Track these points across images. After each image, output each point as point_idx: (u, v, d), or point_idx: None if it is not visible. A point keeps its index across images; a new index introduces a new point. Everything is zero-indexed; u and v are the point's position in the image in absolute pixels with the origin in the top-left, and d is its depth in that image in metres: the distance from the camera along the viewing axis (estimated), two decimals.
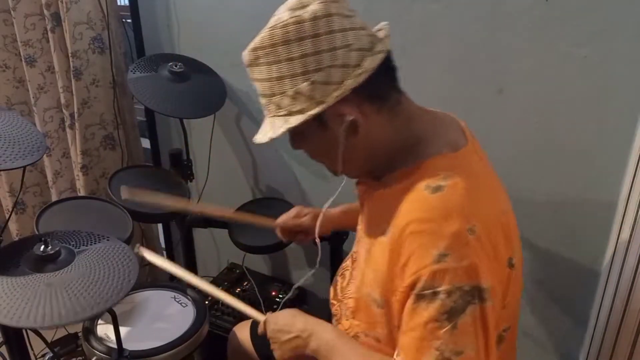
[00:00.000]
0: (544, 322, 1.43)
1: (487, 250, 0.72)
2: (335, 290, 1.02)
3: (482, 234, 0.71)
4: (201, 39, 1.67)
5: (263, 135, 0.80)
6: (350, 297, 0.92)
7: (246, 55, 0.78)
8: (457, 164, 0.78)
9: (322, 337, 0.87)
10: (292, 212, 1.25)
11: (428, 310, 0.70)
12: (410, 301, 0.72)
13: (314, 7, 0.72)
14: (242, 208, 1.63)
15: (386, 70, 0.78)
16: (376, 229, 0.82)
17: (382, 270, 0.79)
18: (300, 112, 0.75)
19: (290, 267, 1.85)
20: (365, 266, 0.86)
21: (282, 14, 0.74)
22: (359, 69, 0.73)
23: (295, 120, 0.76)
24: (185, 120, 1.70)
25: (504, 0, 1.19)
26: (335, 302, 1.01)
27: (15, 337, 1.17)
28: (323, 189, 1.64)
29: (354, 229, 1.02)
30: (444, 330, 0.70)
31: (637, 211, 1.17)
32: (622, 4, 1.09)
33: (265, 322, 0.98)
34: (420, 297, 0.71)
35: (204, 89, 1.61)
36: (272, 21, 0.75)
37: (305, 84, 0.73)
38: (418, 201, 0.75)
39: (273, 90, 0.76)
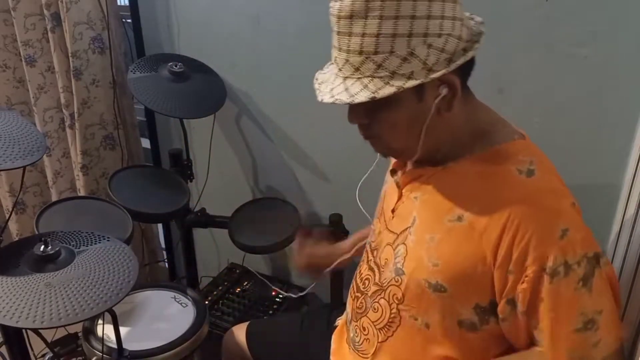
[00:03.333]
0: None
1: (583, 220, 0.78)
2: (358, 284, 0.99)
3: (578, 207, 0.78)
4: (201, 39, 1.67)
5: (349, 95, 0.72)
6: (392, 285, 0.88)
7: (349, 3, 0.69)
8: (531, 150, 0.81)
9: None
10: (307, 250, 1.17)
11: (567, 283, 0.73)
12: (545, 282, 0.74)
13: None
14: (242, 208, 1.63)
15: (472, 59, 0.78)
16: (444, 215, 0.80)
17: (459, 258, 0.78)
18: (408, 76, 0.70)
19: (290, 267, 1.85)
20: (425, 253, 0.82)
21: None
22: (469, 46, 0.74)
23: (402, 83, 0.70)
24: (185, 120, 1.70)
25: (504, 0, 1.19)
26: (359, 295, 0.98)
27: (15, 337, 1.17)
28: (323, 189, 1.65)
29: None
30: (583, 295, 0.74)
31: (637, 211, 1.17)
32: (622, 4, 1.09)
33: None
34: (554, 275, 0.73)
35: (204, 89, 1.61)
36: None
37: (422, 47, 0.69)
38: (517, 185, 0.76)
39: (380, 47, 0.69)
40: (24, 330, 1.18)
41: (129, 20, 1.77)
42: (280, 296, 1.65)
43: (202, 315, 1.25)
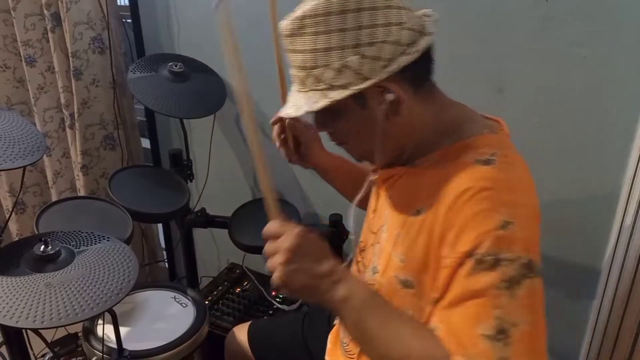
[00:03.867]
0: None
1: (536, 226, 0.72)
2: None
3: (532, 210, 0.72)
4: (201, 39, 1.67)
5: (296, 109, 0.76)
6: (370, 284, 0.87)
7: (289, 24, 0.73)
8: (498, 144, 0.77)
9: (356, 288, 0.74)
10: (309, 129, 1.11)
11: (490, 276, 0.67)
12: (467, 267, 0.68)
13: None
14: (242, 208, 1.63)
15: (427, 57, 0.78)
16: (407, 211, 0.80)
17: (416, 250, 0.76)
18: (344, 86, 0.72)
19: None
20: (392, 249, 0.82)
21: None
22: (413, 47, 0.72)
23: (337, 95, 0.72)
24: (185, 120, 1.70)
25: (504, 0, 1.19)
26: None
27: (15, 337, 1.17)
28: (323, 189, 1.64)
29: (326, 179, 1.02)
30: (503, 298, 0.67)
31: (638, 211, 1.17)
32: (622, 4, 1.09)
33: (280, 229, 0.77)
34: (479, 262, 0.67)
35: (204, 89, 1.61)
36: None
37: (355, 57, 0.71)
38: (471, 172, 0.72)
39: (316, 62, 0.72)
40: (24, 330, 1.18)
41: (129, 20, 1.77)
42: (280, 296, 1.65)
43: (202, 315, 1.25)
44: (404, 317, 0.76)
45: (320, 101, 0.74)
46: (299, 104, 0.77)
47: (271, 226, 0.79)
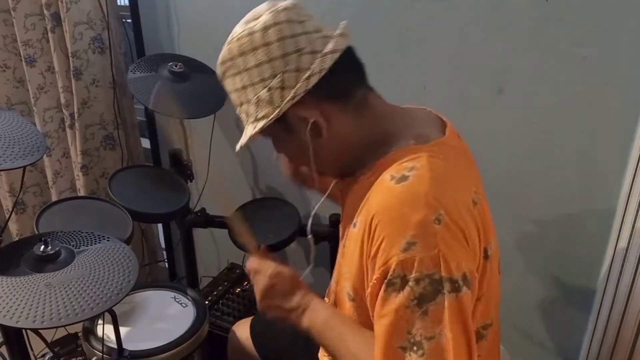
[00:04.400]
0: (543, 322, 1.44)
1: (458, 238, 0.72)
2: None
3: (450, 223, 0.71)
4: (201, 39, 1.67)
5: (242, 139, 0.84)
6: (332, 292, 0.94)
7: (217, 70, 0.83)
8: (422, 154, 0.77)
9: (316, 316, 0.87)
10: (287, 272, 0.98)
11: (398, 297, 0.71)
12: (381, 290, 0.73)
13: (264, 18, 0.77)
14: (242, 208, 1.63)
15: (348, 67, 0.80)
16: (348, 223, 0.84)
17: (354, 262, 0.80)
18: (264, 117, 0.79)
19: (290, 267, 1.85)
20: (341, 260, 0.87)
21: (237, 29, 0.80)
22: (307, 72, 0.75)
23: (260, 125, 0.79)
24: (185, 120, 1.70)
25: (504, 0, 1.19)
26: (327, 299, 1.02)
27: (15, 337, 1.17)
28: None
29: None
30: (415, 315, 0.71)
31: (638, 210, 1.17)
32: (622, 4, 1.09)
33: (258, 267, 0.92)
34: (389, 285, 0.72)
35: (204, 89, 1.61)
36: (230, 37, 0.80)
37: (264, 90, 0.77)
38: (383, 192, 0.75)
39: (240, 99, 0.81)
40: (24, 330, 1.18)
41: (129, 20, 1.77)
42: None
43: (202, 315, 1.25)
44: (354, 330, 0.84)
45: (248, 133, 0.82)
46: (243, 136, 0.84)
47: (250, 264, 0.94)
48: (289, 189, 1.72)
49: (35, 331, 1.02)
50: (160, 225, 2.10)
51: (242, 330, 1.26)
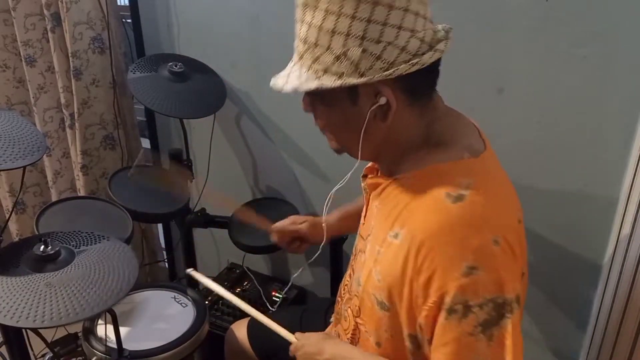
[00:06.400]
0: (544, 322, 1.43)
1: (512, 259, 0.71)
2: (340, 288, 1.01)
3: (505, 245, 0.70)
4: (201, 39, 1.67)
5: (287, 83, 0.75)
6: (355, 295, 0.89)
7: None
8: (477, 170, 0.76)
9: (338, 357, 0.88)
10: (288, 220, 1.24)
11: (462, 325, 0.69)
12: (441, 317, 0.70)
13: None
14: (242, 208, 1.62)
15: (432, 71, 0.76)
16: (386, 228, 0.79)
17: (393, 275, 0.75)
18: (338, 75, 0.71)
19: (290, 267, 1.85)
20: (373, 265, 0.81)
21: None
22: (415, 59, 0.70)
23: (329, 81, 0.71)
24: (185, 120, 1.70)
25: (504, 0, 1.19)
26: (339, 300, 1.00)
27: (15, 337, 1.17)
28: (323, 189, 1.64)
29: (354, 232, 1.00)
30: (480, 342, 0.69)
31: (638, 211, 1.17)
32: (622, 4, 1.09)
33: (296, 345, 0.96)
34: (451, 312, 0.69)
35: (204, 89, 1.61)
36: None
37: (357, 49, 0.69)
38: (439, 211, 0.71)
39: (319, 40, 0.71)
40: (24, 330, 1.18)
41: (129, 20, 1.77)
42: (280, 296, 1.65)
43: (202, 315, 1.25)
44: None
45: (310, 83, 0.72)
46: (290, 78, 0.75)
47: (292, 350, 0.97)
48: (289, 189, 1.72)
49: (35, 331, 1.02)
50: (160, 225, 2.10)
51: (240, 330, 1.26)
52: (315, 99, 0.79)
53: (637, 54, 1.11)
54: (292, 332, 0.99)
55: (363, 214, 0.94)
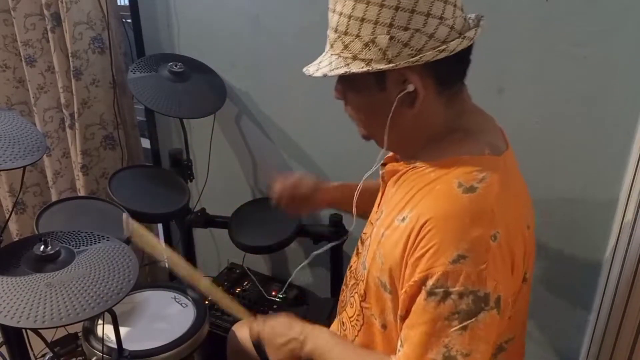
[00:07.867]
0: (544, 322, 1.43)
1: (505, 259, 0.72)
2: (346, 276, 1.01)
3: (504, 242, 0.71)
4: (201, 39, 1.67)
5: (318, 69, 0.78)
6: (361, 280, 0.89)
7: None
8: (494, 167, 0.76)
9: (318, 339, 0.89)
10: (290, 180, 1.19)
11: (439, 309, 0.70)
12: (421, 297, 0.71)
13: None
14: (242, 208, 1.63)
15: (461, 59, 0.77)
16: (395, 213, 0.80)
17: (395, 256, 0.76)
18: (366, 61, 0.73)
19: (290, 267, 1.85)
20: (377, 248, 0.82)
21: None
22: (443, 45, 0.71)
23: (356, 67, 0.73)
24: (185, 120, 1.70)
25: (504, 0, 1.19)
26: (344, 287, 1.00)
27: (15, 337, 1.17)
28: None
29: (345, 210, 1.00)
30: (454, 329, 0.70)
31: (638, 210, 1.17)
32: (622, 4, 1.09)
33: (258, 323, 0.99)
34: (431, 294, 0.70)
35: (204, 89, 1.61)
36: None
37: (384, 36, 0.71)
38: (448, 197, 0.72)
39: (349, 28, 0.73)
40: (24, 330, 1.18)
41: (129, 20, 1.77)
42: (280, 295, 1.65)
43: (202, 315, 1.25)
44: (354, 349, 0.89)
45: (339, 69, 0.74)
46: (321, 65, 0.78)
47: (253, 329, 1.00)
48: None
49: (35, 331, 1.02)
50: (160, 225, 2.10)
51: (242, 330, 1.26)
52: (346, 86, 0.81)
53: (637, 54, 1.11)
54: None
55: (377, 202, 0.94)
